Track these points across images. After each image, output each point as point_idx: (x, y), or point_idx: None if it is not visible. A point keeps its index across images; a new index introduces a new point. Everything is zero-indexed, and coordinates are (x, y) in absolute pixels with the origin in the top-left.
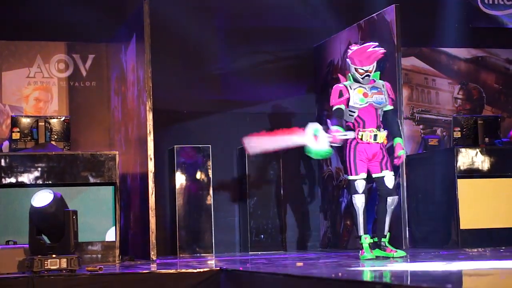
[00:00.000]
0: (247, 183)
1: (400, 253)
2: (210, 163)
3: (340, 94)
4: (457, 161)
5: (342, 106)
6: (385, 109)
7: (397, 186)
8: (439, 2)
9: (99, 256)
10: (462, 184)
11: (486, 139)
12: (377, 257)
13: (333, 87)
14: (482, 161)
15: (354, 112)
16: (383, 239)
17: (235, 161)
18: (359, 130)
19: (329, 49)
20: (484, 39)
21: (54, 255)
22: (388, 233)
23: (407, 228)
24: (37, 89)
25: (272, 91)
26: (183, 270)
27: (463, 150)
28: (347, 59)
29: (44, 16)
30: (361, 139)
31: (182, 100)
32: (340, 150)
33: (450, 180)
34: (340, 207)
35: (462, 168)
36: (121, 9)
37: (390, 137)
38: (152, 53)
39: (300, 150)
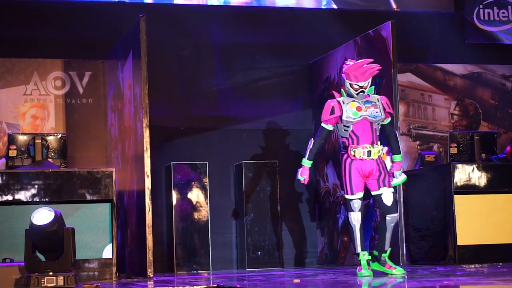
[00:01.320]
0: (244, 199)
1: (399, 270)
2: (206, 179)
3: (332, 111)
4: (453, 177)
5: (329, 127)
6: (382, 123)
7: (395, 202)
8: (435, 19)
9: (96, 273)
10: (459, 200)
11: (483, 155)
12: (375, 273)
13: (326, 103)
14: (479, 177)
15: (348, 127)
16: (383, 255)
17: (232, 177)
18: (351, 147)
19: (326, 65)
20: (480, 55)
21: (51, 273)
22: (389, 248)
23: (404, 245)
24: (34, 107)
25: (269, 107)
26: None
27: (459, 166)
28: (342, 74)
29: (41, 33)
30: (354, 155)
31: (179, 116)
32: (337, 165)
33: (447, 196)
34: (337, 223)
35: (459, 184)
36: (117, 26)
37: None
38: (148, 70)
39: (297, 166)
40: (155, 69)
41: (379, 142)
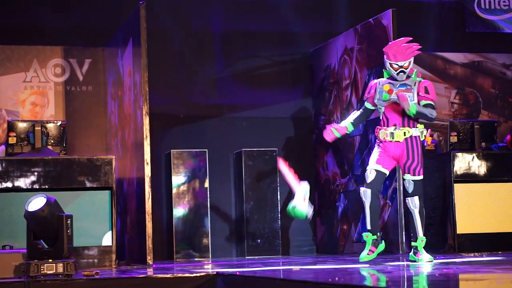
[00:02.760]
0: (244, 187)
1: (426, 257)
2: (206, 167)
3: (369, 90)
4: (453, 166)
5: (369, 105)
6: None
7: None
8: (435, 7)
9: (96, 260)
10: (459, 189)
11: (483, 144)
12: (376, 259)
13: (370, 82)
14: (478, 166)
15: (381, 108)
16: (413, 243)
17: (231, 165)
18: (378, 128)
19: (326, 53)
20: (480, 44)
21: (50, 260)
22: (421, 237)
23: (404, 233)
24: (34, 94)
25: (269, 96)
26: (180, 275)
27: (459, 154)
28: (385, 56)
29: (41, 20)
30: (379, 136)
31: (179, 104)
32: (338, 153)
33: (446, 184)
34: (337, 211)
35: (458, 172)
36: (118, 13)
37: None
38: (148, 57)
39: (296, 154)
40: (155, 57)
41: (415, 124)
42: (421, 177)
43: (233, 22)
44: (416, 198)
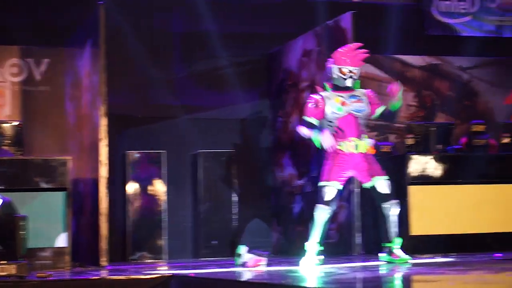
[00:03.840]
0: (200, 188)
1: (403, 259)
2: (163, 168)
3: (315, 105)
4: (409, 168)
5: (313, 120)
6: (374, 116)
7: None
8: (395, 10)
9: (50, 262)
10: (414, 191)
11: (439, 146)
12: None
13: (309, 97)
14: (434, 168)
15: (332, 122)
16: (387, 244)
17: (188, 166)
18: (338, 141)
19: (285, 55)
20: (438, 47)
21: (3, 261)
22: (398, 238)
23: (359, 234)
24: None
25: (227, 97)
26: (134, 276)
27: (415, 157)
28: (329, 64)
29: None
30: (341, 149)
31: (137, 105)
32: (295, 156)
33: (402, 186)
34: (293, 213)
35: (413, 174)
36: (77, 13)
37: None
38: (107, 58)
39: (253, 155)
40: (114, 58)
41: (366, 136)
42: (386, 176)
43: (192, 23)
44: (394, 201)
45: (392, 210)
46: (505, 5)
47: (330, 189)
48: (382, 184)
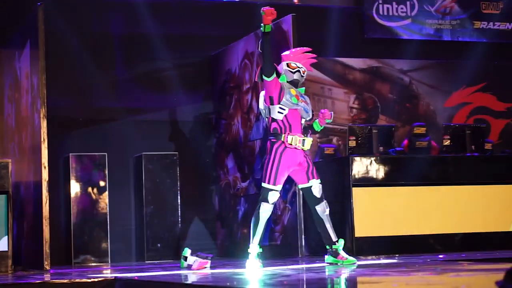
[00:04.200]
0: (144, 191)
1: (350, 260)
2: (106, 171)
3: (275, 87)
4: (352, 170)
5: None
6: (310, 123)
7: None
8: (335, 13)
9: None
10: (357, 193)
11: (381, 148)
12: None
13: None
14: (376, 170)
15: (284, 110)
16: (334, 246)
17: (131, 169)
18: (288, 134)
19: (227, 57)
20: (379, 50)
21: None
22: (340, 239)
23: (303, 236)
24: None
25: (169, 99)
26: (77, 280)
27: (357, 159)
28: (282, 60)
29: None
30: (290, 143)
31: (78, 107)
32: (239, 158)
33: (345, 188)
34: (237, 215)
35: (357, 176)
36: (15, 14)
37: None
38: (47, 59)
39: (197, 158)
40: (54, 59)
41: (307, 135)
42: (320, 180)
43: (134, 24)
44: (324, 202)
45: (326, 211)
46: (443, 8)
47: (275, 193)
48: (316, 188)
